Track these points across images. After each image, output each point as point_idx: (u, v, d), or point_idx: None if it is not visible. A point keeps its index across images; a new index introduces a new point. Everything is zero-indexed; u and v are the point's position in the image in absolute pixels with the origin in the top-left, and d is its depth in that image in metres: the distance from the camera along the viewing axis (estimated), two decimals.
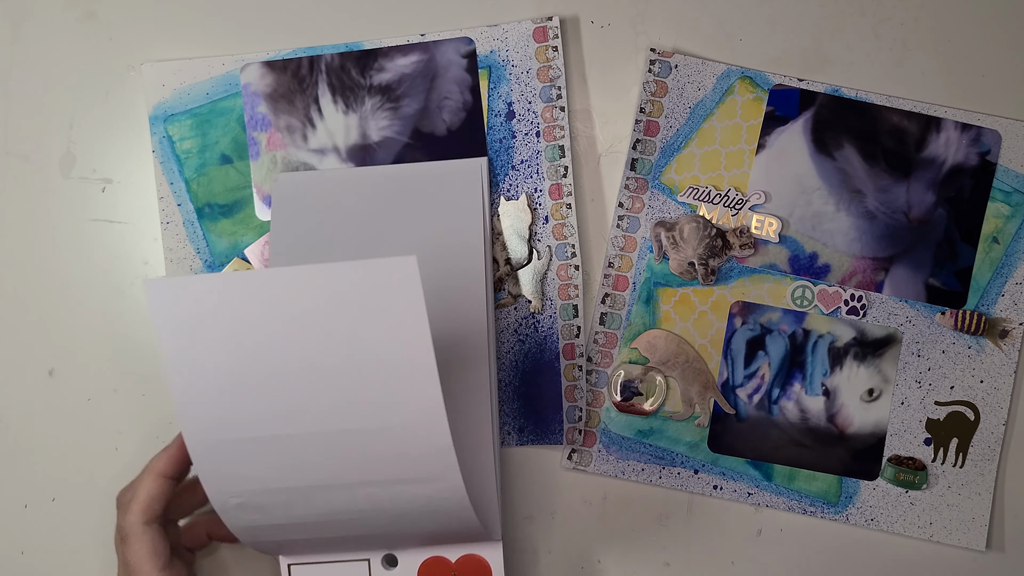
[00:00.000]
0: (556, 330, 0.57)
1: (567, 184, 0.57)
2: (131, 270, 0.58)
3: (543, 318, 0.57)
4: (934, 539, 0.58)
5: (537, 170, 0.57)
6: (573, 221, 0.57)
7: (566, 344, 0.57)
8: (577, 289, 0.57)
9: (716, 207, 0.58)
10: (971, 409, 0.58)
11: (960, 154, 0.58)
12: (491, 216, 0.56)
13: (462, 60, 0.57)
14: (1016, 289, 0.58)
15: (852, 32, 0.59)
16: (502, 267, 0.56)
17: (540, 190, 0.57)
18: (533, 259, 0.57)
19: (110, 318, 0.58)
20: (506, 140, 0.57)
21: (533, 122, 0.57)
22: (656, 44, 0.59)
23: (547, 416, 0.57)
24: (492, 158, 0.57)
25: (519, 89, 0.57)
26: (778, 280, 0.58)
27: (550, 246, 0.57)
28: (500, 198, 0.57)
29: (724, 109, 0.58)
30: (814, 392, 0.58)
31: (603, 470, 0.58)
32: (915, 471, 0.57)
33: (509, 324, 0.57)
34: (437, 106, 0.57)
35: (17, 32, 0.58)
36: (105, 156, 0.58)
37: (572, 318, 0.57)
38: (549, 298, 0.57)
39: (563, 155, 0.57)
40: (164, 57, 0.58)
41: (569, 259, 0.57)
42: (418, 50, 0.58)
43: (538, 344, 0.57)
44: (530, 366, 0.57)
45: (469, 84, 0.58)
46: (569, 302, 0.57)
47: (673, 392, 0.58)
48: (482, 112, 0.57)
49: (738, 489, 0.58)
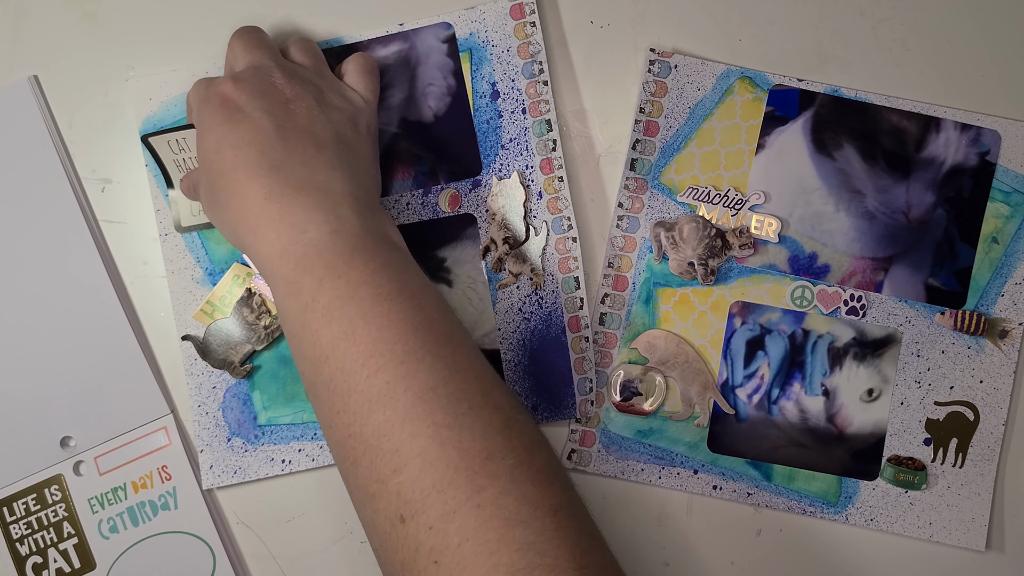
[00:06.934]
0: (560, 304, 0.57)
1: (557, 157, 0.57)
2: (131, 270, 0.58)
3: (545, 294, 0.57)
4: (934, 539, 0.58)
5: (526, 147, 0.57)
6: (566, 194, 0.57)
7: (571, 317, 0.57)
8: (577, 261, 0.57)
9: (716, 207, 0.58)
10: (971, 409, 0.58)
11: (960, 154, 0.58)
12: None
13: (442, 45, 0.58)
14: (1016, 289, 0.58)
15: (851, 32, 0.59)
16: (500, 247, 0.57)
17: (531, 166, 0.57)
18: (531, 236, 0.57)
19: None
20: (493, 120, 0.57)
21: (518, 99, 0.57)
22: (656, 44, 0.59)
23: (559, 391, 0.57)
24: (480, 139, 0.57)
25: (501, 68, 0.57)
26: (778, 280, 0.58)
27: (546, 221, 0.57)
28: (493, 178, 0.57)
29: (724, 109, 0.58)
30: (814, 392, 0.58)
31: (602, 470, 0.58)
32: (915, 471, 0.57)
33: (513, 304, 0.57)
34: (422, 93, 0.58)
35: (17, 32, 0.58)
36: (104, 156, 0.58)
37: (574, 290, 0.57)
38: (550, 273, 0.57)
39: (551, 129, 0.57)
40: (161, 60, 0.58)
41: (566, 232, 0.57)
42: (398, 40, 0.58)
43: (543, 320, 0.57)
44: (537, 343, 0.57)
45: (451, 68, 0.58)
46: (570, 275, 0.57)
47: (673, 392, 0.58)
48: (467, 95, 0.58)
49: (737, 489, 0.58)
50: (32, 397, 0.57)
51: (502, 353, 0.57)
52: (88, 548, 0.57)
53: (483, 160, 0.58)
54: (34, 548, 0.57)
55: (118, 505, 0.57)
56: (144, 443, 0.57)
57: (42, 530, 0.57)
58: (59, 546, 0.57)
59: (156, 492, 0.57)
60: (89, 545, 0.57)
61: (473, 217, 0.57)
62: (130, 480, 0.57)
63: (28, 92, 0.58)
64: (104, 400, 0.57)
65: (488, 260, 0.57)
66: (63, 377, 0.57)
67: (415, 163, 0.58)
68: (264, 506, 0.58)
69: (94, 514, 0.57)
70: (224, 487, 0.57)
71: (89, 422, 0.57)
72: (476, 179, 0.57)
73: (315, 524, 0.57)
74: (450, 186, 0.57)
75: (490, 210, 0.57)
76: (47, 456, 0.57)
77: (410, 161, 0.58)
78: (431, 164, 0.58)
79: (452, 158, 0.58)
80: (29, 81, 0.58)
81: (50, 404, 0.57)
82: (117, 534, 0.57)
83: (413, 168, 0.58)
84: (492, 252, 0.57)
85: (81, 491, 0.57)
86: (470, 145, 0.58)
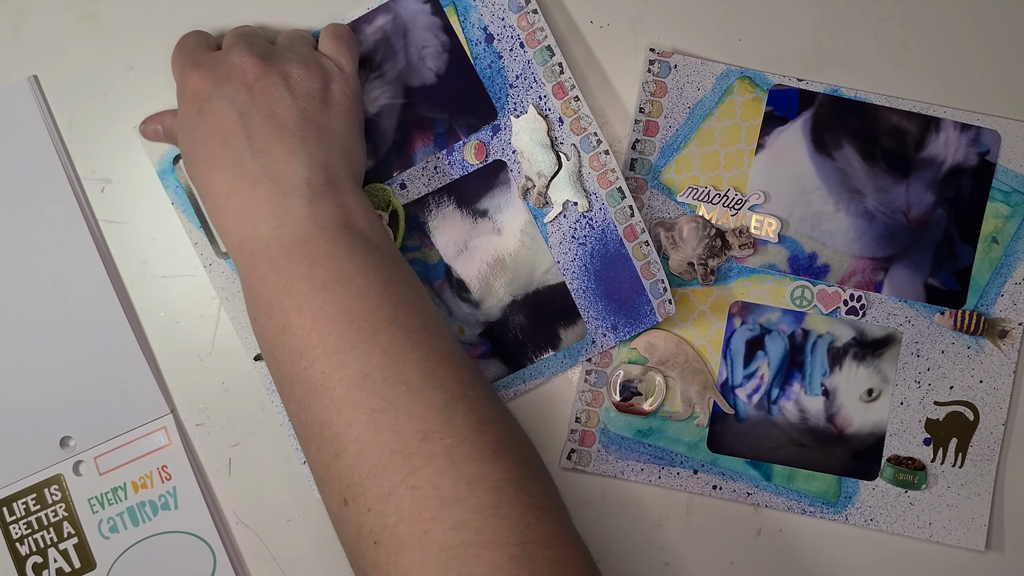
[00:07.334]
0: (610, 219, 0.57)
1: (567, 79, 0.57)
2: (130, 270, 0.58)
3: (594, 213, 0.57)
4: (933, 539, 0.58)
5: (534, 78, 0.57)
6: (586, 111, 0.57)
7: (625, 227, 0.56)
8: (615, 173, 0.56)
9: (715, 207, 0.58)
10: (970, 409, 0.58)
11: (959, 154, 0.58)
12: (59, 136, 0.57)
13: (425, 6, 0.58)
14: (1015, 289, 0.58)
15: (851, 32, 0.59)
16: (538, 181, 0.57)
17: (544, 96, 0.57)
18: (563, 163, 0.57)
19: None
20: (495, 63, 0.57)
21: (513, 36, 0.57)
22: (655, 44, 0.59)
23: (633, 303, 0.57)
24: (487, 85, 0.57)
25: (488, 11, 0.57)
26: (777, 280, 0.58)
27: (574, 144, 0.57)
28: (510, 118, 0.57)
29: (723, 109, 0.58)
30: (813, 392, 0.58)
31: (602, 470, 0.58)
32: (914, 471, 0.57)
33: (565, 233, 0.57)
34: (419, 57, 0.58)
35: (17, 32, 0.58)
36: (104, 156, 0.58)
37: (620, 201, 0.56)
38: (592, 192, 0.57)
39: (553, 54, 0.57)
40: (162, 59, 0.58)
41: (596, 148, 0.57)
42: (381, 13, 0.58)
43: (599, 240, 0.57)
44: (599, 264, 0.57)
45: (440, 25, 0.58)
46: (612, 187, 0.56)
47: (672, 392, 0.58)
48: (463, 47, 0.58)
49: (737, 489, 0.58)
50: (32, 397, 0.57)
51: (568, 283, 0.57)
52: (88, 548, 0.57)
53: (496, 104, 0.57)
54: (34, 548, 0.57)
55: (118, 505, 0.57)
56: (144, 443, 0.57)
57: (42, 530, 0.57)
58: (59, 546, 0.57)
59: (156, 492, 0.57)
60: (89, 545, 0.57)
61: (503, 162, 0.57)
62: (130, 480, 0.57)
63: (28, 92, 0.58)
64: (104, 400, 0.57)
65: (530, 199, 0.57)
66: (63, 377, 0.57)
67: (431, 126, 0.58)
68: (264, 506, 0.58)
69: (94, 514, 0.57)
70: (224, 486, 0.58)
71: (89, 422, 0.57)
72: (495, 124, 0.57)
73: (315, 524, 0.57)
74: (471, 138, 0.58)
75: (517, 150, 0.57)
76: (47, 456, 0.57)
77: (426, 126, 0.58)
78: (447, 123, 0.58)
79: (466, 111, 0.58)
80: (29, 81, 0.58)
81: (50, 404, 0.57)
82: (117, 534, 0.57)
83: (431, 132, 0.58)
84: (531, 190, 0.57)
85: (81, 491, 0.57)
86: (479, 93, 0.58)
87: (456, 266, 0.58)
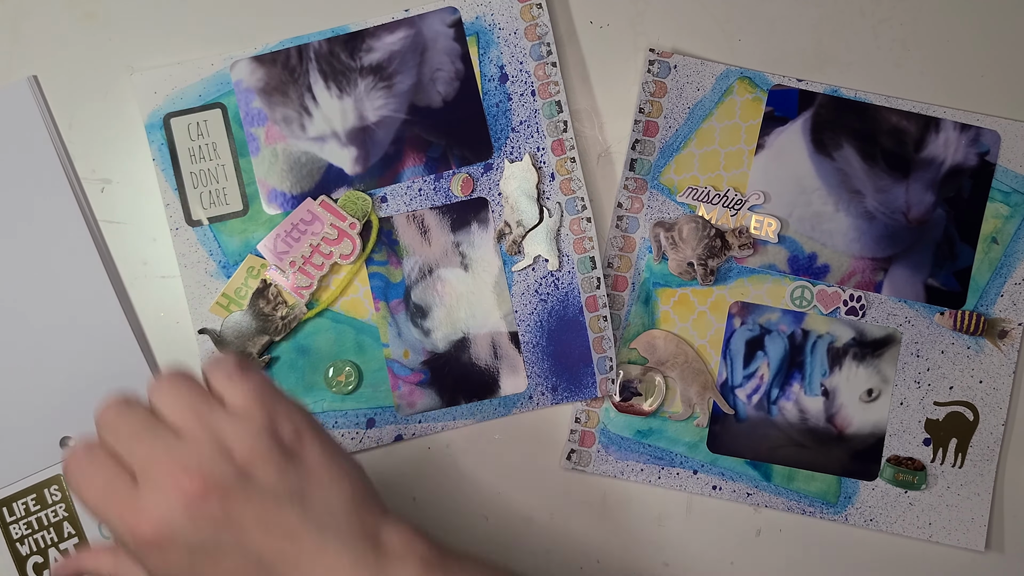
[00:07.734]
0: (576, 285, 0.57)
1: (568, 138, 0.57)
2: (130, 270, 0.58)
3: (562, 275, 0.57)
4: (933, 539, 0.58)
5: (537, 129, 0.57)
6: (579, 175, 0.57)
7: (588, 297, 0.57)
8: (592, 241, 0.57)
9: (715, 207, 0.58)
10: (970, 409, 0.58)
11: (959, 154, 0.58)
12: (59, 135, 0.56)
13: (449, 30, 0.58)
14: (1015, 289, 0.58)
15: (851, 32, 0.59)
16: (515, 230, 0.57)
17: (543, 148, 0.57)
18: (544, 218, 0.57)
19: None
20: (503, 103, 0.58)
21: (527, 81, 0.57)
22: (655, 44, 0.59)
23: (579, 371, 0.57)
24: (491, 122, 0.58)
25: (509, 51, 0.57)
26: (777, 280, 0.58)
27: (560, 202, 0.57)
28: (504, 161, 0.57)
29: (723, 109, 0.58)
30: (813, 392, 0.58)
31: (602, 470, 0.58)
32: (914, 471, 0.57)
33: (529, 286, 0.57)
34: (430, 79, 0.58)
35: (17, 32, 0.58)
36: (104, 156, 0.58)
37: (591, 270, 0.57)
38: (565, 254, 0.57)
39: (561, 111, 0.57)
40: (162, 59, 0.58)
41: (580, 212, 0.57)
42: (404, 26, 0.58)
43: (560, 301, 0.57)
44: (555, 324, 0.57)
45: (459, 53, 0.58)
46: (586, 255, 0.57)
47: (672, 392, 0.58)
48: (475, 79, 0.58)
49: (737, 489, 0.58)
50: (32, 397, 0.57)
51: (520, 335, 0.57)
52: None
53: (494, 143, 0.58)
54: (34, 548, 0.57)
55: None
56: None
57: (42, 530, 0.57)
58: (59, 546, 0.57)
59: None
60: (89, 545, 0.57)
61: (486, 201, 0.58)
62: None
63: (28, 92, 0.58)
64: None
65: (503, 244, 0.57)
66: (63, 377, 0.57)
67: (426, 148, 0.58)
68: None
69: None
70: None
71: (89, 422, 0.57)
72: (488, 163, 0.58)
73: None
74: (462, 170, 0.58)
75: (503, 193, 0.57)
76: (47, 456, 0.57)
77: (421, 147, 0.58)
78: (442, 149, 0.58)
79: (463, 142, 0.58)
80: (29, 81, 0.58)
81: (50, 404, 0.57)
82: None
83: (424, 154, 0.58)
84: (507, 235, 0.57)
85: None
86: (480, 129, 0.58)
87: (416, 291, 0.58)
